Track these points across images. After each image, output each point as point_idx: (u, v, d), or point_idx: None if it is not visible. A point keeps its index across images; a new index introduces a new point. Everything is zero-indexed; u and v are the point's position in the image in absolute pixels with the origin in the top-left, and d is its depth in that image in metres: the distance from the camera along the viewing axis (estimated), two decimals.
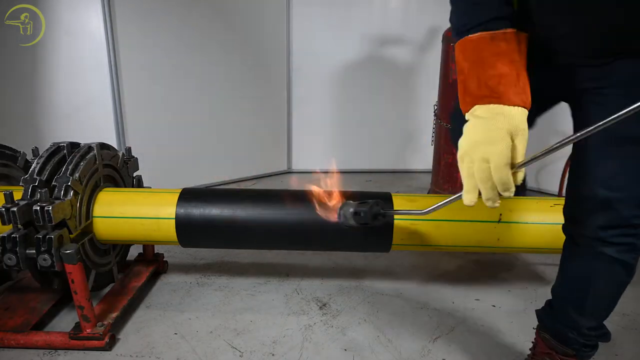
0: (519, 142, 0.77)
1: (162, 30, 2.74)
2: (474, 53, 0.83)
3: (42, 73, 2.51)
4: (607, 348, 1.46)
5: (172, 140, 2.94)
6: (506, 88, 0.79)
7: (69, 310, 1.62)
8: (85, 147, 1.52)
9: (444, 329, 1.55)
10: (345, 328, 1.56)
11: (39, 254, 1.30)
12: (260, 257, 2.10)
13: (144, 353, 1.41)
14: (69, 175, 1.39)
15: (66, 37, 2.49)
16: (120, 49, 2.58)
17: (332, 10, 3.35)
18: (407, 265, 2.03)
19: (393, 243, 1.49)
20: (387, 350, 1.44)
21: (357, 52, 3.44)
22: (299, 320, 1.60)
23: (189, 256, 2.11)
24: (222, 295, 1.77)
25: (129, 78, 2.65)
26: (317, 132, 3.62)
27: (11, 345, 1.40)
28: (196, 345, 1.45)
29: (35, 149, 1.64)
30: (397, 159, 3.73)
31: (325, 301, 1.72)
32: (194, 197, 1.54)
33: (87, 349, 1.41)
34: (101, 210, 1.52)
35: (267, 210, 1.51)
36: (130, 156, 1.81)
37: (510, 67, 0.81)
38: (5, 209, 1.26)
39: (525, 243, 1.50)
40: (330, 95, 3.54)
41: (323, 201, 1.13)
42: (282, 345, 1.46)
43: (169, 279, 1.89)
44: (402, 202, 1.51)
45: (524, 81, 0.82)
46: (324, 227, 1.51)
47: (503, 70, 0.80)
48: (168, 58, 2.80)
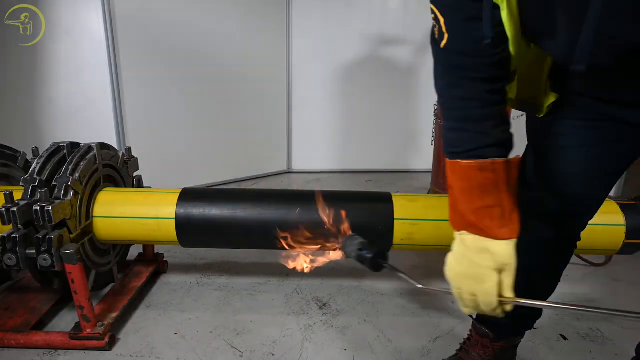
0: (506, 277, 0.78)
1: (163, 30, 2.74)
2: (462, 179, 0.82)
3: (42, 73, 2.51)
4: (607, 348, 1.46)
5: (172, 140, 2.94)
6: (492, 222, 0.79)
7: (69, 310, 1.62)
8: (85, 147, 1.52)
9: (444, 329, 1.55)
10: (345, 328, 1.56)
11: (39, 254, 1.30)
12: (260, 257, 2.10)
13: (144, 353, 1.41)
14: (69, 175, 1.39)
15: (66, 37, 2.49)
16: (120, 48, 2.58)
17: (332, 10, 3.35)
18: (407, 265, 2.03)
19: (393, 243, 1.49)
20: (387, 350, 1.44)
21: (357, 52, 3.44)
22: (299, 320, 1.60)
23: (189, 256, 2.11)
24: (222, 295, 1.77)
25: (129, 78, 2.66)
26: (317, 132, 3.62)
27: (11, 345, 1.40)
28: (196, 345, 1.45)
29: (35, 149, 1.64)
30: (397, 159, 3.73)
31: (325, 301, 1.72)
32: (194, 197, 1.54)
33: (87, 349, 1.41)
34: (101, 210, 1.52)
35: (267, 210, 1.51)
36: (130, 156, 1.80)
37: (498, 198, 0.80)
38: (5, 209, 1.27)
39: None
40: (330, 95, 3.55)
41: (332, 230, 1.11)
42: (282, 345, 1.46)
43: (169, 279, 1.89)
44: (402, 202, 1.51)
45: (511, 211, 0.81)
46: (324, 227, 1.51)
47: (490, 202, 0.80)
48: (169, 58, 2.81)
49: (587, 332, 1.54)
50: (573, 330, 1.55)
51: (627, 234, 1.43)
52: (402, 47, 3.42)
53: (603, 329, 1.55)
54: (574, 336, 1.53)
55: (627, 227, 1.43)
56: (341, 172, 3.70)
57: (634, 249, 1.48)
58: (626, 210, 1.45)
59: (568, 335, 1.53)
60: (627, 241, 1.44)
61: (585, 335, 1.53)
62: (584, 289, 1.84)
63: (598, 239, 1.42)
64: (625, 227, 1.43)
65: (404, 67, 3.47)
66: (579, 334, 1.54)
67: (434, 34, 0.79)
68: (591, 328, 1.56)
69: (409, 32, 3.38)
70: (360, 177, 3.57)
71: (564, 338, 1.51)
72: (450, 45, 0.76)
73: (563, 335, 1.52)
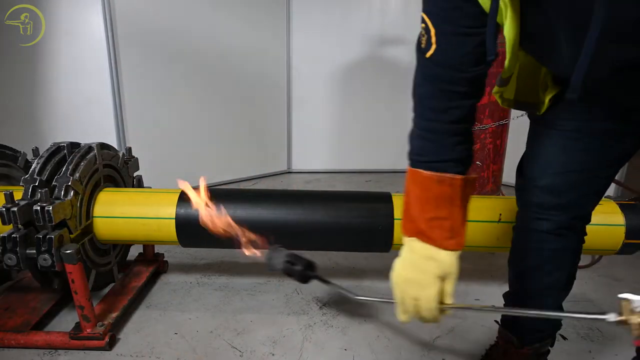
0: (448, 284, 0.84)
1: (163, 30, 2.74)
2: (419, 187, 0.86)
3: (42, 73, 2.51)
4: (607, 348, 1.46)
5: (172, 141, 2.94)
6: (442, 233, 0.84)
7: (69, 310, 1.62)
8: (85, 147, 1.52)
9: (444, 329, 1.55)
10: (345, 328, 1.56)
11: (39, 254, 1.30)
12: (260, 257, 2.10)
13: (144, 353, 1.41)
14: (69, 175, 1.39)
15: (66, 37, 2.49)
16: (120, 48, 2.58)
17: (332, 10, 3.35)
18: None
19: (393, 243, 1.50)
20: (387, 350, 1.44)
21: (356, 53, 3.44)
22: (299, 320, 1.60)
23: (189, 256, 2.11)
24: (222, 295, 1.77)
25: (129, 78, 2.66)
26: (317, 132, 3.62)
27: (11, 345, 1.40)
28: (196, 345, 1.45)
29: (35, 149, 1.64)
30: (397, 159, 3.72)
31: (325, 301, 1.72)
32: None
33: (87, 349, 1.41)
34: (101, 210, 1.52)
35: (267, 210, 1.51)
36: (131, 156, 1.81)
37: (451, 211, 0.84)
38: (5, 209, 1.27)
39: None
40: (330, 95, 3.55)
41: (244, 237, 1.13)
42: (282, 345, 1.46)
43: (169, 279, 1.89)
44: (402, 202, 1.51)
45: (460, 225, 0.85)
46: (324, 227, 1.51)
47: (442, 214, 0.84)
48: (169, 58, 2.81)
49: (587, 332, 1.54)
50: (573, 330, 1.55)
51: (627, 234, 1.43)
52: (402, 47, 3.42)
53: (603, 329, 1.55)
54: (573, 336, 1.53)
55: (626, 227, 1.43)
56: (341, 172, 3.70)
57: (633, 249, 1.48)
58: (626, 211, 1.45)
59: (568, 335, 1.53)
60: (626, 241, 1.44)
61: (585, 335, 1.53)
62: (583, 289, 1.84)
63: (598, 239, 1.41)
64: (625, 227, 1.43)
65: (404, 67, 3.47)
66: (579, 334, 1.54)
67: (420, 43, 0.81)
68: (591, 328, 1.56)
69: (409, 32, 3.37)
70: (360, 177, 3.57)
71: (564, 338, 1.51)
72: (436, 56, 0.78)
73: (563, 336, 1.52)
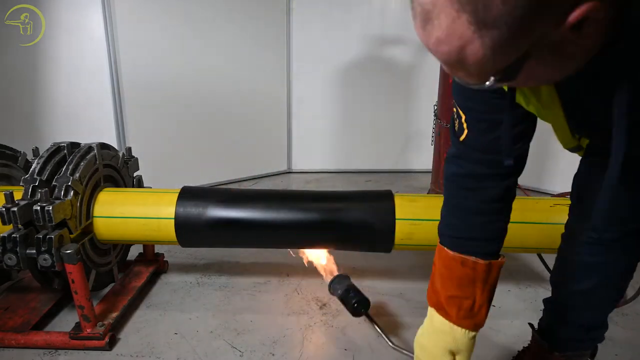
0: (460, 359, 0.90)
1: (163, 31, 2.74)
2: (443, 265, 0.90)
3: (42, 73, 2.51)
4: (607, 348, 1.46)
5: (172, 140, 2.94)
6: (459, 312, 0.87)
7: (69, 310, 1.62)
8: (85, 147, 1.52)
9: None
10: (345, 328, 1.56)
11: (39, 254, 1.30)
12: (260, 257, 2.10)
13: (144, 353, 1.41)
14: (69, 175, 1.39)
15: (66, 37, 2.49)
16: (120, 48, 2.58)
17: (332, 10, 3.35)
18: (407, 265, 2.03)
19: (395, 243, 1.49)
20: (387, 350, 1.44)
21: (357, 52, 3.44)
22: (299, 320, 1.60)
23: (189, 256, 2.11)
24: (222, 295, 1.77)
25: (129, 78, 2.65)
26: (317, 132, 3.62)
27: (11, 345, 1.40)
28: (196, 345, 1.45)
29: (35, 149, 1.64)
30: (397, 159, 3.73)
31: (325, 301, 1.72)
32: (193, 196, 1.54)
33: (87, 349, 1.41)
34: (101, 210, 1.52)
35: (267, 210, 1.51)
36: (131, 156, 1.81)
37: (472, 291, 0.87)
38: (5, 209, 1.27)
39: (525, 243, 1.50)
40: (330, 95, 3.55)
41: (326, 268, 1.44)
42: (282, 345, 1.46)
43: (169, 279, 1.89)
44: (402, 202, 1.51)
45: (480, 306, 0.88)
46: (324, 227, 1.51)
47: (463, 294, 0.87)
48: (169, 58, 2.81)
49: None
50: None
51: None
52: (402, 48, 3.42)
53: None
54: None
55: None
56: (341, 172, 3.70)
57: None
58: None
59: None
60: None
61: None
62: None
63: None
64: None
65: (404, 67, 3.47)
66: None
67: (453, 126, 0.83)
68: None
69: (409, 32, 3.35)
70: (360, 177, 3.57)
71: None
72: (468, 141, 0.81)
73: None
